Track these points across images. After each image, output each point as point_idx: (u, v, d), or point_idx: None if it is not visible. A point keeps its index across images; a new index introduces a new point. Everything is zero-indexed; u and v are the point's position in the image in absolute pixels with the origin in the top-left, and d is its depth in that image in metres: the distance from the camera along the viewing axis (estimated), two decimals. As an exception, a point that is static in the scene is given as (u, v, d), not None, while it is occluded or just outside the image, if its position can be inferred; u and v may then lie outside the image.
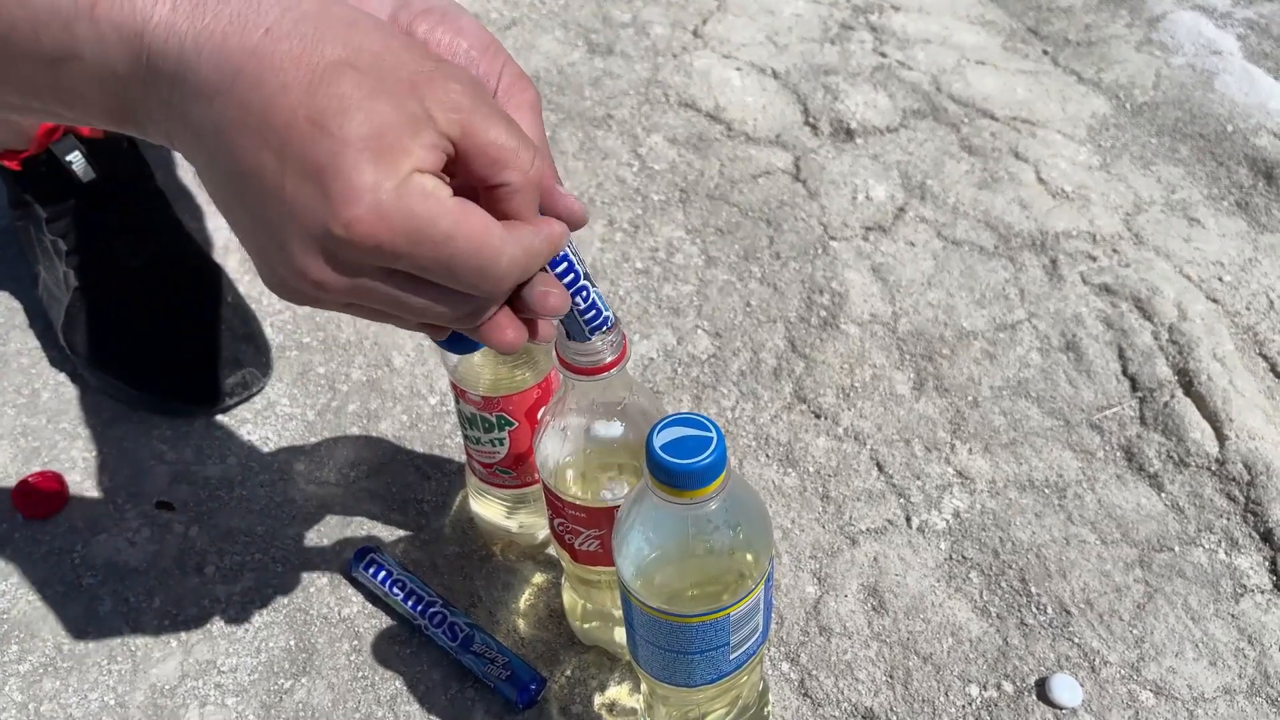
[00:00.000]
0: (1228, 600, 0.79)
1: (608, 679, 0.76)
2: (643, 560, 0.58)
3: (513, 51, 1.32)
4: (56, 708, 0.76)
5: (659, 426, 0.53)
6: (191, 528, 0.86)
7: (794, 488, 0.87)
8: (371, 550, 0.81)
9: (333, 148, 0.40)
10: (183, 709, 0.75)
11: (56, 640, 0.79)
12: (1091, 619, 0.78)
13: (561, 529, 0.68)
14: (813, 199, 1.12)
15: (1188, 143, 1.17)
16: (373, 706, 0.75)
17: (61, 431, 0.93)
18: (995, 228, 1.08)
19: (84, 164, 0.93)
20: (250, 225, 0.43)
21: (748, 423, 0.92)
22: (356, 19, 0.42)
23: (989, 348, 0.97)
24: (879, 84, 1.25)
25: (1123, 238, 1.07)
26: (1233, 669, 0.75)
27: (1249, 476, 0.85)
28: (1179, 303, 0.99)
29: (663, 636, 0.59)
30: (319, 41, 0.40)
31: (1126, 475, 0.87)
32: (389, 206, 0.40)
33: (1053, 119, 1.20)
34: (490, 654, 0.75)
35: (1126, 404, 0.92)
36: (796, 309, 1.01)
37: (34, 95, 0.43)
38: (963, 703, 0.74)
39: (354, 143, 0.40)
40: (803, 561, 0.82)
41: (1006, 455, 0.89)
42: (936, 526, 0.84)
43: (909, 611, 0.79)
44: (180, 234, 1.01)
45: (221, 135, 0.41)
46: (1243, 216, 1.09)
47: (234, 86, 0.40)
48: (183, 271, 0.98)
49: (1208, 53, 1.28)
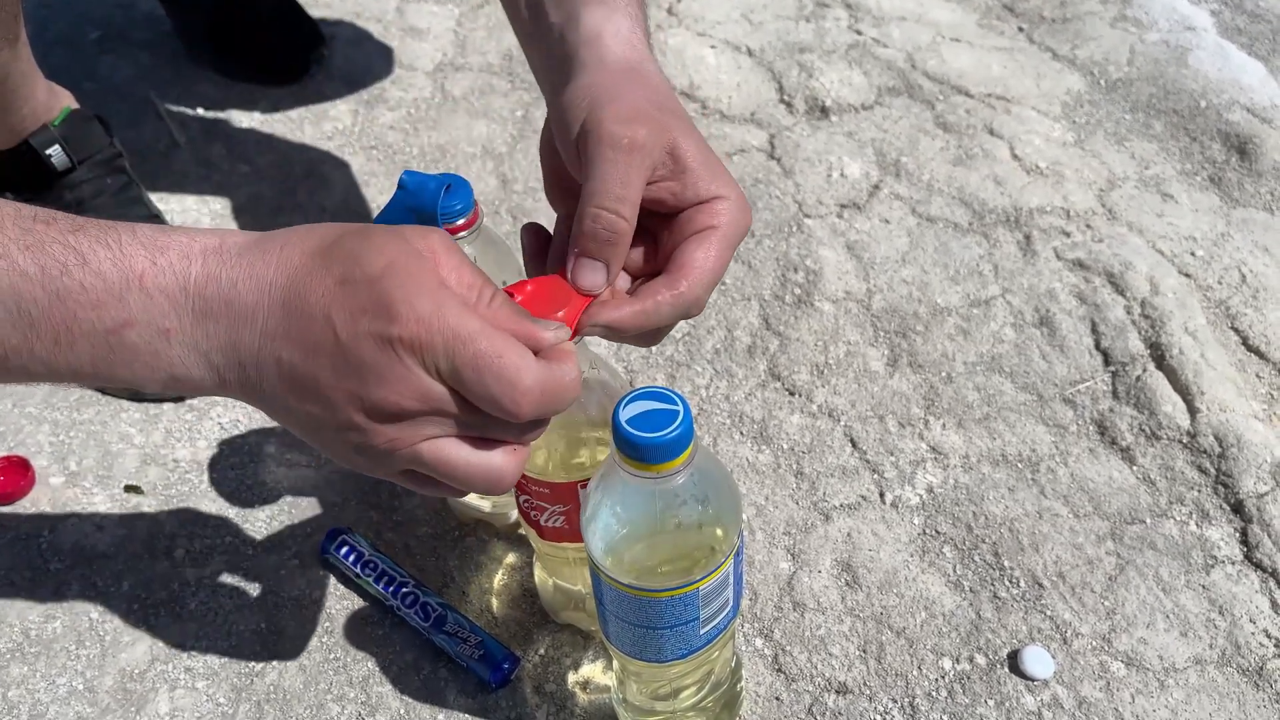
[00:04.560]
0: (1198, 571, 0.79)
1: (581, 657, 0.75)
2: (612, 536, 0.57)
3: (486, 31, 1.31)
4: (24, 693, 0.75)
5: (625, 401, 0.53)
6: (161, 511, 0.85)
7: (768, 465, 0.87)
8: (343, 532, 0.81)
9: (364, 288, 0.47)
10: (152, 693, 0.75)
11: (24, 625, 0.78)
12: (1063, 591, 0.78)
13: (527, 506, 0.67)
14: (787, 177, 1.11)
15: (1161, 119, 1.17)
16: (345, 688, 0.74)
17: (28, 416, 0.91)
18: (969, 204, 1.08)
19: (62, 155, 0.93)
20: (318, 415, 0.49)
21: (722, 400, 0.92)
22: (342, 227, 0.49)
23: (963, 324, 0.97)
24: (854, 61, 1.24)
25: (1096, 213, 1.07)
26: (1203, 639, 0.76)
27: (1220, 449, 0.85)
28: (1151, 277, 0.99)
29: (633, 612, 0.58)
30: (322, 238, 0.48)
31: (1099, 449, 0.87)
32: (428, 314, 0.46)
33: (1027, 95, 1.20)
34: (463, 633, 0.74)
35: (1099, 378, 0.92)
36: (771, 287, 1.01)
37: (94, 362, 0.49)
38: (936, 676, 0.74)
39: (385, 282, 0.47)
40: (776, 538, 0.82)
41: (980, 430, 0.89)
42: (910, 502, 0.84)
43: (882, 586, 0.79)
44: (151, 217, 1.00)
45: (273, 336, 0.48)
46: (1215, 191, 1.09)
47: (269, 296, 0.48)
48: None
49: (1182, 29, 1.28)
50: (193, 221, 1.08)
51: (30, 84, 0.92)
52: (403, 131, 1.18)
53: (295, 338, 0.47)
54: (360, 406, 0.47)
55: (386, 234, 0.49)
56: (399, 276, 0.46)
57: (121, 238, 0.48)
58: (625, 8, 0.60)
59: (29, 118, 0.92)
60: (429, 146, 1.16)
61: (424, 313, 0.46)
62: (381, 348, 0.46)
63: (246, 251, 0.48)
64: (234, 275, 0.48)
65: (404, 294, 0.46)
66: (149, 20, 1.31)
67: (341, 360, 0.47)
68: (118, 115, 1.16)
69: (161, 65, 1.26)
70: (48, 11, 1.34)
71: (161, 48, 1.28)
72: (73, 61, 1.26)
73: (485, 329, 0.47)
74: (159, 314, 0.48)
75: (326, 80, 1.24)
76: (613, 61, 0.57)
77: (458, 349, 0.46)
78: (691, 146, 0.54)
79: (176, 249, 0.48)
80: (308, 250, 0.48)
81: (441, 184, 0.63)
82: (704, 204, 0.54)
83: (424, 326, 0.46)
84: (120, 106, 1.20)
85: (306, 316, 0.47)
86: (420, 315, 0.46)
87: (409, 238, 0.49)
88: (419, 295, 0.46)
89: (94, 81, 1.24)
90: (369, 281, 0.46)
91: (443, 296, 0.47)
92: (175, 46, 1.28)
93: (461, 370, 0.46)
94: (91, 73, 1.25)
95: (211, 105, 1.21)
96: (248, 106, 1.21)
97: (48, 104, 0.94)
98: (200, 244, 0.49)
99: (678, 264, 0.54)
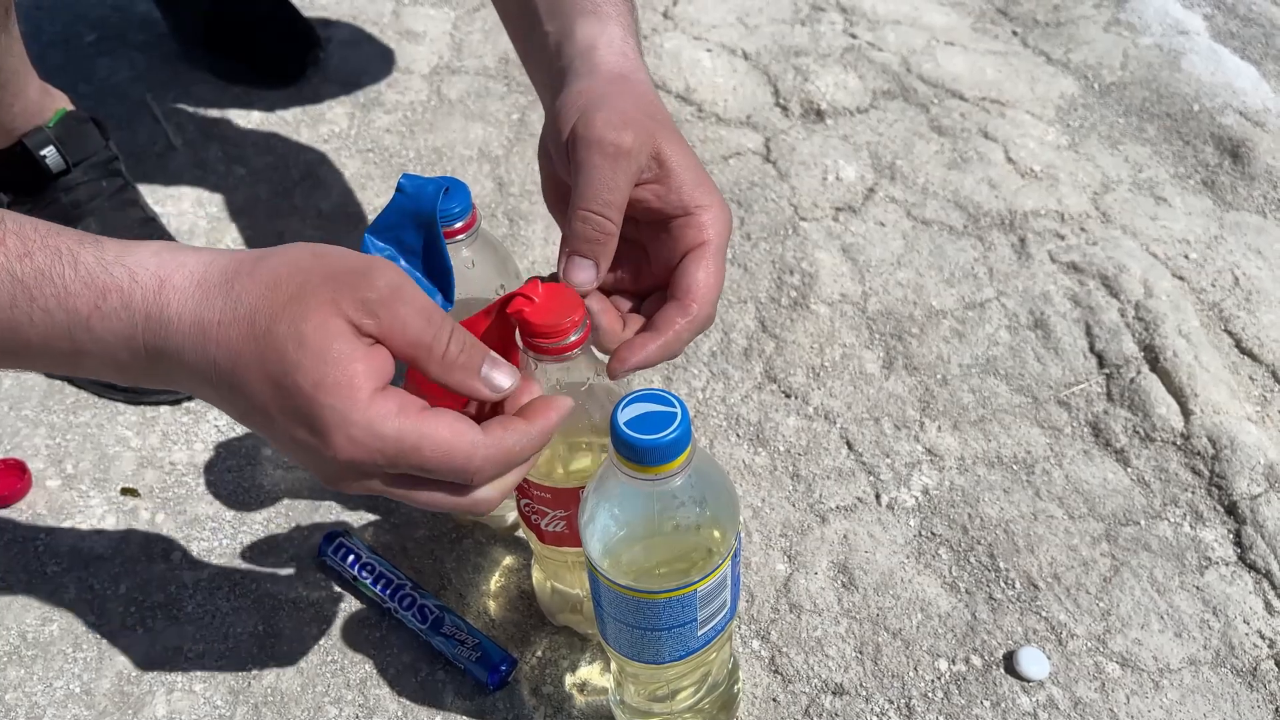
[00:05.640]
0: (1192, 573, 0.80)
1: (578, 659, 0.75)
2: (610, 538, 0.58)
3: (483, 35, 1.31)
4: (21, 696, 0.75)
5: (623, 403, 0.53)
6: (158, 514, 0.85)
7: (764, 467, 0.87)
8: (340, 534, 0.81)
9: (299, 402, 0.47)
10: (150, 695, 0.75)
11: (21, 628, 0.78)
12: (1059, 593, 0.79)
13: (528, 510, 0.67)
14: (783, 180, 1.12)
15: (1155, 122, 1.18)
16: (342, 690, 0.74)
17: (24, 419, 0.91)
18: (964, 207, 1.08)
19: (57, 156, 0.93)
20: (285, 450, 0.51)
21: (718, 403, 0.92)
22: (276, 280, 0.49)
23: (958, 326, 0.97)
24: (849, 65, 1.25)
25: (1090, 216, 1.07)
26: (1197, 640, 0.76)
27: (1213, 451, 0.86)
28: (1145, 280, 0.99)
29: (630, 614, 0.59)
30: (255, 315, 0.48)
31: (1093, 451, 0.88)
32: (360, 435, 0.47)
33: (1021, 99, 1.21)
34: (460, 635, 0.74)
35: (1093, 380, 0.93)
36: (767, 289, 1.01)
37: (58, 369, 0.54)
38: (932, 677, 0.75)
39: (309, 392, 0.47)
40: (773, 540, 0.82)
41: (975, 432, 0.89)
42: (906, 504, 0.85)
43: (878, 588, 0.79)
44: (147, 220, 1.00)
45: (224, 400, 0.50)
46: (1208, 195, 1.10)
47: (215, 371, 0.49)
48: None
49: (1175, 33, 1.29)
50: (189, 226, 1.08)
51: (21, 79, 0.91)
52: (399, 134, 1.18)
53: (243, 410, 0.50)
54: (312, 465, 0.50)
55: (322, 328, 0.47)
56: (330, 396, 0.47)
57: (65, 273, 0.49)
58: (618, 17, 0.62)
59: (20, 115, 0.92)
60: (425, 149, 1.16)
61: (358, 435, 0.48)
62: (321, 457, 0.48)
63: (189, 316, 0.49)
64: (179, 343, 0.49)
65: (336, 417, 0.47)
66: (145, 23, 1.31)
67: (289, 443, 0.49)
68: (114, 117, 1.16)
69: (158, 67, 1.26)
70: (43, 14, 1.34)
71: (157, 50, 1.28)
72: (69, 64, 1.26)
73: (423, 431, 0.48)
74: (110, 351, 0.50)
75: (323, 83, 1.24)
76: (605, 70, 0.59)
77: (399, 460, 0.49)
78: (676, 152, 0.57)
79: (117, 295, 0.49)
80: (243, 334, 0.48)
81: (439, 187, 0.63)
82: (690, 216, 0.57)
83: (359, 448, 0.48)
84: (116, 109, 1.20)
85: (248, 401, 0.49)
86: (354, 438, 0.48)
87: (349, 311, 0.48)
88: (350, 417, 0.47)
89: (90, 84, 1.24)
90: (302, 396, 0.47)
91: (375, 411, 0.47)
92: (171, 49, 1.28)
93: (409, 469, 0.49)
94: (88, 75, 1.25)
95: (208, 108, 1.21)
96: (244, 109, 1.21)
97: (41, 103, 0.94)
98: (142, 296, 0.49)
99: (683, 288, 0.57)
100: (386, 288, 0.49)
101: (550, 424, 0.53)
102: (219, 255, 0.51)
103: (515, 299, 0.58)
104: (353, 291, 0.48)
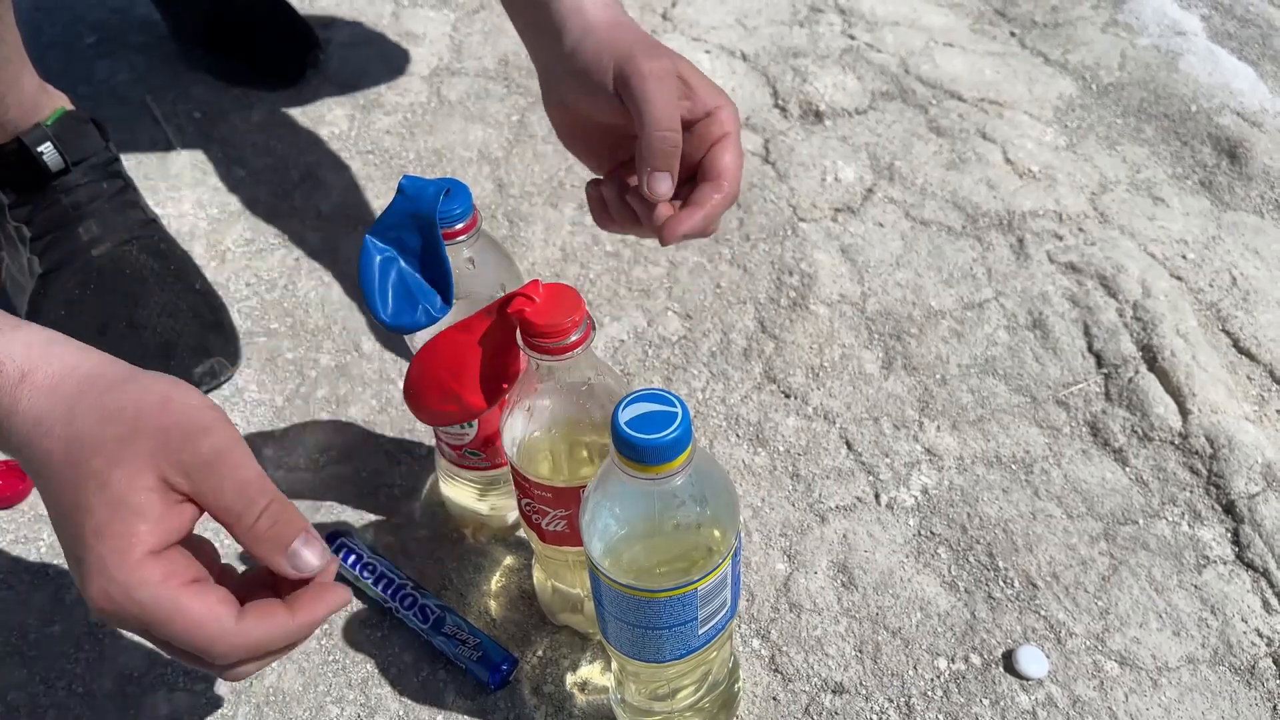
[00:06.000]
0: (1191, 571, 0.80)
1: (579, 658, 0.76)
2: (611, 537, 0.58)
3: (482, 36, 1.32)
4: (23, 696, 0.75)
5: (624, 403, 0.53)
6: (159, 514, 0.85)
7: (764, 467, 0.88)
8: (342, 534, 0.81)
9: (78, 537, 0.50)
10: (150, 695, 0.75)
11: (22, 629, 0.78)
12: (1057, 591, 0.79)
13: (529, 509, 0.68)
14: (782, 181, 1.12)
15: (1153, 123, 1.18)
16: (344, 690, 0.75)
17: (25, 420, 0.91)
18: (963, 208, 1.09)
19: (55, 155, 0.92)
20: None
21: (718, 403, 0.92)
22: (115, 415, 0.51)
23: (957, 326, 0.98)
24: (847, 66, 1.25)
25: (1088, 216, 1.08)
26: (1196, 639, 0.76)
27: (1211, 450, 0.86)
28: (1143, 280, 1.00)
29: (631, 612, 0.59)
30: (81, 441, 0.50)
31: (1092, 450, 0.88)
32: (116, 594, 0.49)
33: (1020, 100, 1.21)
34: (461, 635, 0.75)
35: (1092, 380, 0.93)
36: (766, 290, 1.01)
37: None
38: (931, 676, 0.75)
39: (88, 535, 0.49)
40: (773, 539, 0.83)
41: (974, 432, 0.90)
42: (905, 503, 0.85)
43: (878, 587, 0.80)
44: (147, 221, 1.00)
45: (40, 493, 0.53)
46: (1206, 195, 1.10)
47: (34, 468, 0.52)
48: (149, 259, 0.97)
49: (1172, 33, 1.29)
50: (189, 228, 1.08)
51: (15, 68, 0.90)
52: (399, 136, 1.18)
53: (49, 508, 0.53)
54: None
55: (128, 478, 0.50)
56: (103, 545, 0.49)
57: None
58: None
59: (14, 107, 0.91)
60: (425, 151, 1.16)
61: (114, 593, 0.49)
62: (84, 593, 0.50)
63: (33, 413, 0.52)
64: (22, 431, 0.52)
65: (101, 566, 0.49)
66: (145, 24, 1.32)
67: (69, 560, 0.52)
68: (114, 119, 1.16)
69: (157, 69, 1.27)
70: (43, 16, 1.34)
71: (157, 52, 1.29)
72: (68, 65, 1.26)
73: (179, 605, 0.50)
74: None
75: (322, 84, 1.24)
76: (605, 21, 0.67)
77: (149, 626, 0.50)
78: (689, 69, 0.66)
79: None
80: (62, 453, 0.51)
81: (440, 189, 0.63)
82: (711, 115, 0.65)
83: (111, 604, 0.50)
84: (116, 110, 1.20)
85: (51, 508, 0.52)
86: (109, 594, 0.49)
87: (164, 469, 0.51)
88: (112, 573, 0.49)
89: (90, 85, 1.24)
90: (81, 533, 0.50)
91: (138, 575, 0.49)
92: (171, 50, 1.28)
93: (158, 639, 0.52)
94: (87, 76, 1.25)
95: (207, 109, 1.22)
96: (244, 110, 1.21)
97: (39, 101, 0.93)
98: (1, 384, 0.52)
99: (716, 171, 0.65)
100: (210, 452, 0.51)
101: (315, 618, 0.54)
102: (84, 361, 0.53)
103: (516, 299, 0.59)
104: (175, 452, 0.51)
